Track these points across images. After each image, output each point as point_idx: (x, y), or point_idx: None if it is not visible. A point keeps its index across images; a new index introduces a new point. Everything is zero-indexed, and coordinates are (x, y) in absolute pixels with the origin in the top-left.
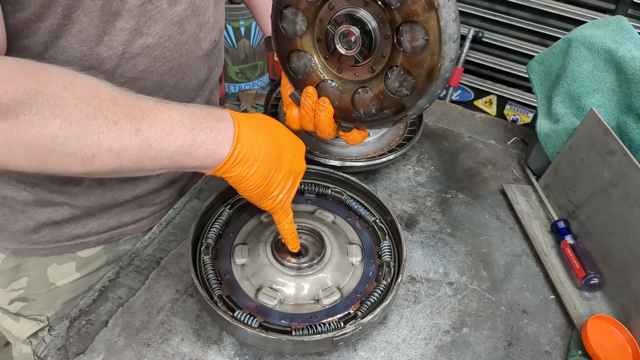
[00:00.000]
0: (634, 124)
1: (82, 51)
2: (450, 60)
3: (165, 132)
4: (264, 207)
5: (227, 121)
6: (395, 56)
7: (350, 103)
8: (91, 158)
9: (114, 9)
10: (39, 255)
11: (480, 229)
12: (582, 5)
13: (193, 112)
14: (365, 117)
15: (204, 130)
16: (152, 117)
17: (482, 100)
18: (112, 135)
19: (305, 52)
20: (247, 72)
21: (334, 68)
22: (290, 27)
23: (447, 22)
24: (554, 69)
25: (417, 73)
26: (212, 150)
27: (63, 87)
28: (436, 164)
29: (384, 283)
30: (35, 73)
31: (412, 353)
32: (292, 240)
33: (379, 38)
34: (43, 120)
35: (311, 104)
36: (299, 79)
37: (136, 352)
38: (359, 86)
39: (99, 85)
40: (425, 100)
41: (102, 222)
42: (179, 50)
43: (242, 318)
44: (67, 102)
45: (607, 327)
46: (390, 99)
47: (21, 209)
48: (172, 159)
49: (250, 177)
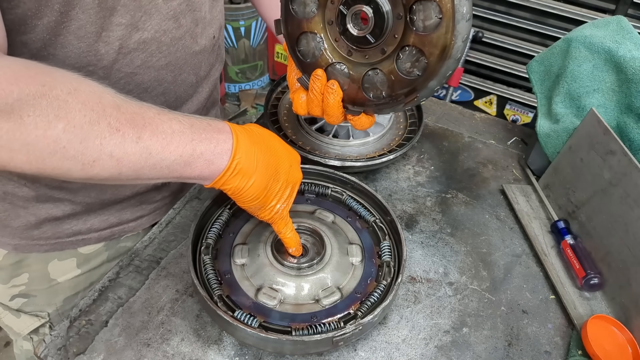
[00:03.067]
0: (634, 124)
1: (80, 47)
2: (463, 40)
3: (166, 141)
4: (262, 218)
5: (226, 133)
6: (407, 36)
7: (359, 86)
8: (92, 163)
9: (110, 4)
10: (40, 251)
11: (480, 229)
12: (582, 5)
13: (193, 123)
14: (374, 100)
15: (204, 141)
16: (154, 125)
17: (482, 100)
18: (114, 141)
19: (315, 35)
20: (247, 72)
21: (343, 50)
22: (300, 9)
23: (460, 1)
24: (554, 69)
25: (429, 52)
26: (210, 161)
27: (68, 91)
28: (436, 164)
29: (384, 283)
30: (41, 76)
31: (412, 353)
32: (294, 245)
33: (392, 18)
34: (47, 122)
35: (320, 87)
36: (307, 63)
37: (136, 352)
38: (369, 68)
39: (103, 92)
40: (436, 81)
41: (103, 218)
42: (175, 45)
43: (242, 318)
44: (71, 106)
45: (607, 327)
46: (401, 80)
47: (22, 204)
48: (171, 168)
49: (249, 188)
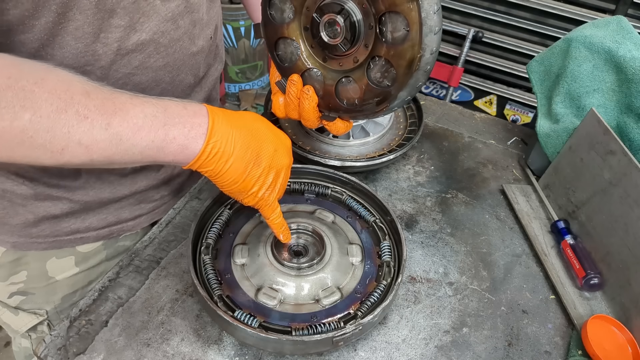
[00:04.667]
0: (634, 124)
1: (78, 48)
2: (431, 52)
3: (137, 126)
4: (247, 203)
5: (202, 116)
6: (377, 46)
7: (333, 92)
8: (60, 151)
9: (109, 7)
10: (39, 249)
11: (480, 229)
12: (582, 5)
13: (168, 106)
14: (348, 107)
15: (177, 125)
16: (125, 111)
17: (482, 100)
18: (82, 129)
19: (292, 40)
20: (247, 72)
21: (319, 57)
22: (278, 15)
23: (428, 14)
24: (554, 69)
25: (397, 64)
26: (184, 146)
27: (34, 81)
28: (436, 164)
29: (384, 283)
30: (8, 68)
31: (412, 353)
32: (283, 232)
33: (363, 28)
34: (13, 113)
35: (296, 92)
36: (285, 67)
37: (136, 352)
38: (342, 76)
39: (72, 80)
40: (406, 92)
41: (101, 217)
42: (173, 46)
43: (242, 318)
44: (37, 96)
45: (607, 327)
46: (372, 89)
47: (21, 202)
48: (144, 153)
49: (226, 172)
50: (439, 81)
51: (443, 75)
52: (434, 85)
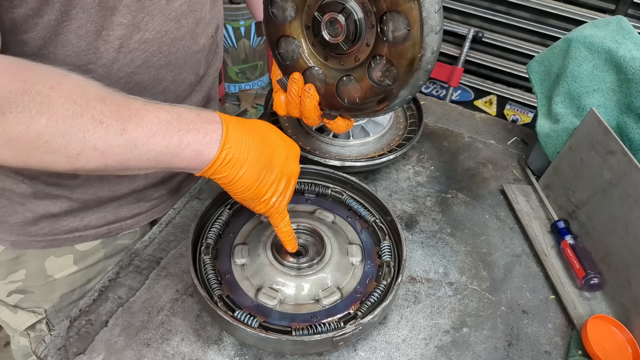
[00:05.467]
0: (634, 124)
1: (80, 46)
2: (432, 52)
3: (152, 132)
4: (258, 211)
5: (216, 123)
6: (378, 46)
7: (334, 91)
8: (76, 156)
9: (111, 4)
10: (37, 247)
11: (480, 229)
12: (582, 5)
13: (181, 113)
14: (348, 106)
15: (191, 131)
16: (139, 116)
17: (482, 100)
18: (98, 134)
19: (294, 39)
20: (247, 72)
21: (320, 55)
22: (279, 13)
23: (429, 14)
24: (554, 69)
25: (398, 63)
26: (199, 152)
27: (50, 86)
28: (436, 164)
29: (384, 283)
30: (24, 72)
31: (412, 353)
32: (290, 242)
33: (364, 27)
34: (29, 118)
35: (297, 90)
36: (287, 65)
37: (136, 352)
38: (343, 74)
39: (88, 85)
40: (407, 91)
41: (100, 215)
42: (176, 45)
43: (242, 318)
44: (54, 101)
45: (607, 327)
46: (373, 88)
47: (20, 201)
48: (158, 159)
49: (240, 179)
50: (439, 81)
51: (443, 75)
52: (434, 85)
